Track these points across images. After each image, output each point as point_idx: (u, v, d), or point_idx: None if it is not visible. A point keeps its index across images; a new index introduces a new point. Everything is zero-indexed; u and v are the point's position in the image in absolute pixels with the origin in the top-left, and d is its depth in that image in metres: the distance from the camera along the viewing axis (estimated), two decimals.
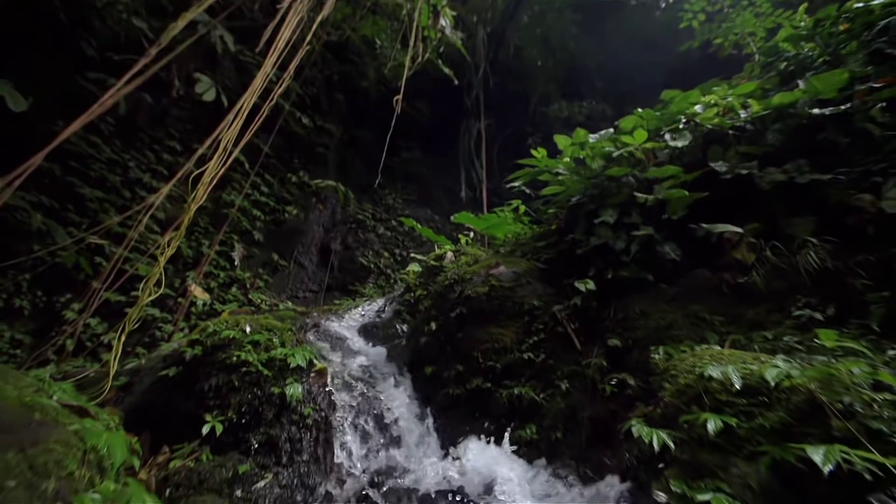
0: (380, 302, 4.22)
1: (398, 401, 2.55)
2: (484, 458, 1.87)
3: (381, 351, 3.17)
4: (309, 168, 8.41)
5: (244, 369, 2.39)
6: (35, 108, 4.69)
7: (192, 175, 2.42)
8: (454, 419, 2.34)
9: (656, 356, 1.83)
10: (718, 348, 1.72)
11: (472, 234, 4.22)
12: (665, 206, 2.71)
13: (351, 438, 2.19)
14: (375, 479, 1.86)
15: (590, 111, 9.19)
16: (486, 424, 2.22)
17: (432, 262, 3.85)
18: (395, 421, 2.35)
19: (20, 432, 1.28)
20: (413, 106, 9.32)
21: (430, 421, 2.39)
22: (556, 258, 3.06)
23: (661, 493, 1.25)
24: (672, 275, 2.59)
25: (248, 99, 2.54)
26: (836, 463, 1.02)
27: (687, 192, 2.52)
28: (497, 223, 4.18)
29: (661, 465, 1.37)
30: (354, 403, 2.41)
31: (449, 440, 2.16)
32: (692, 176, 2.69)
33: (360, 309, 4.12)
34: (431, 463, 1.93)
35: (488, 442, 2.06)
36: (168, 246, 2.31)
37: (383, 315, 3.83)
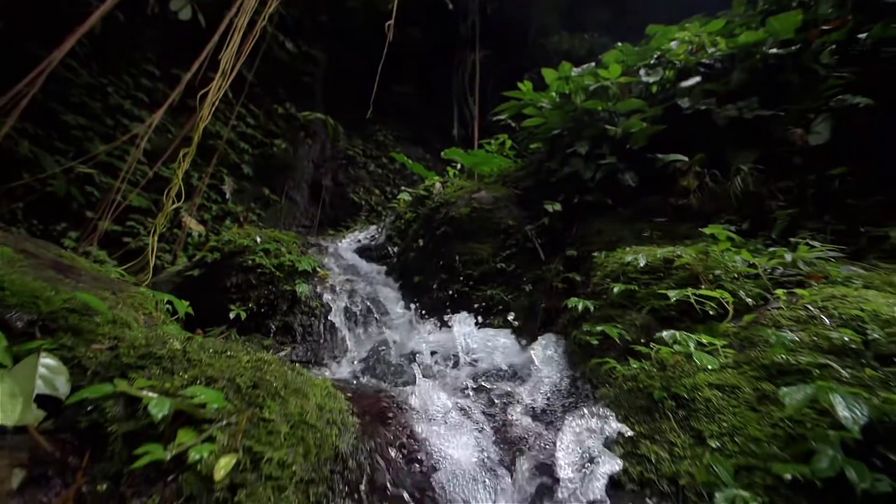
0: (372, 229, 4.70)
1: (391, 301, 3.14)
2: (459, 332, 2.48)
3: (374, 267, 3.72)
4: (295, 99, 8.35)
5: (259, 270, 2.90)
6: (7, 28, 4.63)
7: (200, 93, 2.69)
8: (437, 313, 2.94)
9: (597, 256, 2.37)
10: (643, 247, 2.25)
11: (459, 167, 4.59)
12: (630, 137, 3.11)
13: (352, 324, 2.79)
14: (375, 348, 2.48)
15: (591, 45, 9.01)
16: (462, 315, 2.83)
17: (421, 192, 4.26)
18: (389, 314, 2.95)
19: (109, 283, 1.78)
20: (405, 32, 8.99)
21: (417, 315, 2.99)
22: (533, 186, 3.51)
23: (575, 332, 1.84)
24: (629, 199, 3.08)
25: (245, 14, 2.72)
26: (683, 297, 1.59)
27: (645, 124, 2.91)
28: (484, 159, 4.52)
29: (581, 321, 1.95)
30: (354, 301, 2.98)
31: (432, 325, 2.77)
32: (655, 110, 3.06)
33: (354, 235, 4.60)
34: (418, 337, 2.55)
35: (462, 324, 2.67)
36: (184, 160, 2.67)
37: (376, 240, 4.33)
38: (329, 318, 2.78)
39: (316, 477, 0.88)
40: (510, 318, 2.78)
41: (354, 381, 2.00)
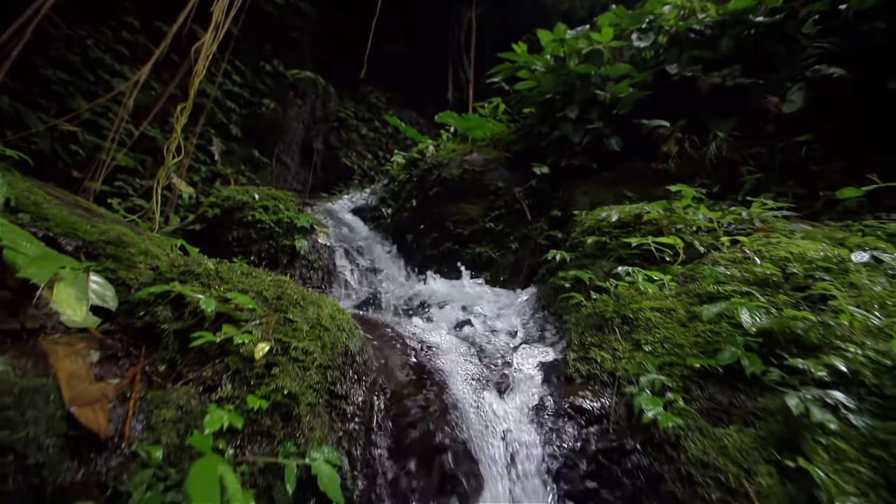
0: (366, 192, 4.85)
1: (384, 258, 3.37)
2: (450, 284, 2.74)
3: (369, 226, 3.92)
4: (282, 56, 8.15)
5: (259, 226, 3.09)
6: None
7: (194, 46, 2.75)
8: (429, 268, 3.19)
9: (578, 214, 2.61)
10: (619, 205, 2.49)
11: (452, 130, 4.71)
12: (618, 102, 3.26)
13: (349, 277, 3.03)
14: (372, 295, 2.73)
15: (592, 5, 8.82)
16: (453, 270, 3.08)
17: (415, 155, 4.40)
18: (384, 269, 3.19)
19: (128, 225, 1.97)
20: None
21: (410, 270, 3.24)
22: (524, 150, 3.68)
23: (552, 279, 2.11)
24: (613, 163, 3.28)
25: None
26: (643, 244, 1.85)
27: (633, 90, 3.07)
28: (477, 123, 4.62)
29: (558, 269, 2.21)
30: (351, 256, 3.21)
31: (424, 279, 3.03)
32: (644, 76, 3.21)
33: (348, 197, 4.76)
34: (411, 289, 2.81)
35: (452, 278, 2.94)
36: (181, 114, 2.77)
37: (370, 202, 4.50)
38: (328, 270, 3.02)
39: (331, 364, 1.14)
40: (497, 272, 3.04)
41: (355, 312, 2.27)
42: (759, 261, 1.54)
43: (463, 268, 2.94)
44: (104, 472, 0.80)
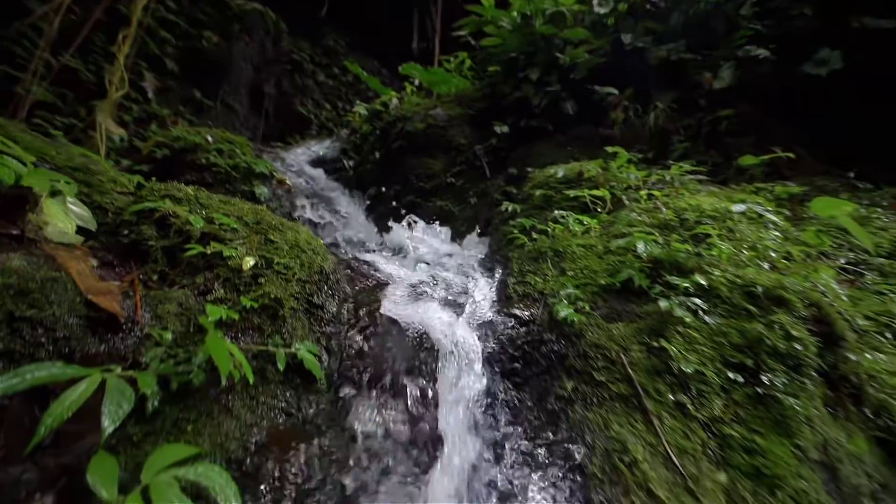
0: (326, 143, 4.84)
1: (347, 208, 3.52)
2: (411, 233, 2.99)
3: (330, 178, 3.99)
4: None
5: (214, 169, 3.08)
6: None
7: None
8: (392, 220, 3.40)
9: (531, 171, 2.91)
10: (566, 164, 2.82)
11: (417, 83, 4.75)
12: (575, 67, 3.52)
13: (312, 227, 3.16)
14: (333, 244, 2.91)
15: None
16: (415, 221, 3.32)
17: (378, 107, 4.43)
18: (347, 218, 3.35)
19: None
20: None
21: (373, 221, 3.43)
22: (486, 108, 3.87)
23: (503, 227, 2.42)
24: (567, 127, 3.59)
25: None
26: (579, 195, 2.19)
27: (589, 56, 3.33)
28: (443, 78, 4.69)
29: (509, 219, 2.53)
30: (314, 205, 3.32)
31: (387, 229, 3.24)
32: (601, 42, 3.47)
33: (306, 146, 4.73)
34: (374, 237, 3.02)
35: (414, 230, 3.18)
36: (123, 42, 2.62)
37: (330, 153, 4.52)
38: (289, 218, 3.13)
39: (309, 280, 1.37)
40: (457, 225, 3.32)
41: None
42: (664, 210, 1.93)
43: (424, 222, 3.19)
44: (122, 348, 1.00)
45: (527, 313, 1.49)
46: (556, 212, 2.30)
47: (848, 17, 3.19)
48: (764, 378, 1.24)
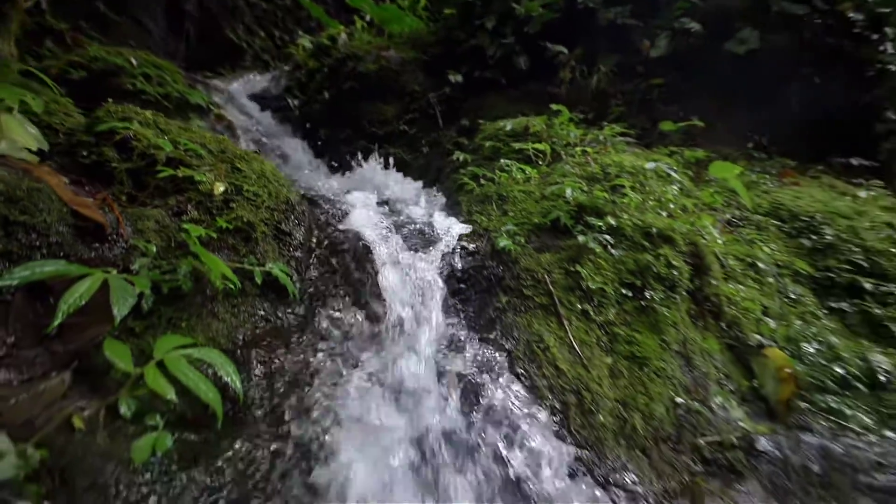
0: (266, 77, 4.60)
1: (295, 150, 3.52)
2: (365, 177, 3.13)
3: (274, 117, 3.89)
4: None
5: (144, 97, 2.90)
6: None
7: None
8: (344, 165, 3.49)
9: (483, 124, 3.14)
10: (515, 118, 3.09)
11: (368, 19, 4.61)
12: (530, 21, 3.71)
13: None
14: None
15: None
16: (368, 167, 3.44)
17: (325, 41, 4.28)
18: (296, 161, 3.38)
19: None
20: None
21: (325, 166, 3.49)
22: (441, 54, 3.95)
23: (455, 175, 2.67)
24: (519, 82, 3.83)
25: None
26: (523, 147, 2.50)
27: (542, 10, 3.53)
28: (395, 16, 4.58)
29: (461, 168, 2.78)
30: (260, 145, 3.29)
31: (340, 174, 3.34)
32: None
33: (242, 80, 4.47)
34: (328, 183, 3.11)
35: (367, 175, 3.31)
36: None
37: (272, 90, 4.34)
38: None
39: (277, 208, 1.54)
40: (410, 173, 3.50)
41: None
42: (592, 164, 2.31)
43: (379, 162, 3.33)
44: (111, 256, 1.14)
45: (473, 245, 1.80)
46: (502, 161, 2.59)
47: (768, 1, 3.69)
48: (647, 294, 1.70)
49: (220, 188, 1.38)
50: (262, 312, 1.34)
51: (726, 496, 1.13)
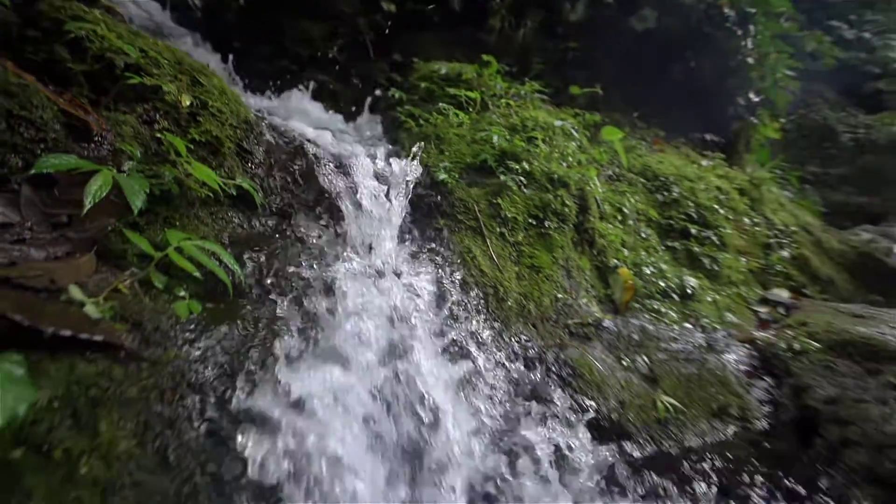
0: None
1: (207, 63, 3.34)
2: (291, 105, 3.19)
3: (173, 16, 3.54)
4: None
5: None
6: None
7: None
8: (267, 88, 3.44)
9: (416, 62, 3.40)
10: (449, 63, 3.42)
11: None
12: None
13: None
14: None
15: None
16: (295, 92, 3.46)
17: None
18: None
19: None
20: None
21: (244, 86, 3.40)
22: None
23: (391, 112, 2.96)
24: (452, 24, 4.08)
25: None
26: (457, 93, 2.90)
27: None
28: None
29: (397, 106, 3.07)
30: None
31: (264, 98, 3.31)
32: None
33: None
34: (252, 104, 3.10)
35: (292, 102, 3.36)
36: None
37: None
38: None
39: (239, 126, 1.72)
40: (339, 105, 3.63)
41: None
42: (514, 116, 2.83)
43: (305, 96, 3.39)
44: (100, 157, 1.29)
45: (415, 177, 2.21)
46: (439, 104, 2.96)
47: None
48: (546, 224, 2.34)
49: (186, 101, 1.53)
50: (237, 220, 1.60)
51: (581, 348, 1.86)
